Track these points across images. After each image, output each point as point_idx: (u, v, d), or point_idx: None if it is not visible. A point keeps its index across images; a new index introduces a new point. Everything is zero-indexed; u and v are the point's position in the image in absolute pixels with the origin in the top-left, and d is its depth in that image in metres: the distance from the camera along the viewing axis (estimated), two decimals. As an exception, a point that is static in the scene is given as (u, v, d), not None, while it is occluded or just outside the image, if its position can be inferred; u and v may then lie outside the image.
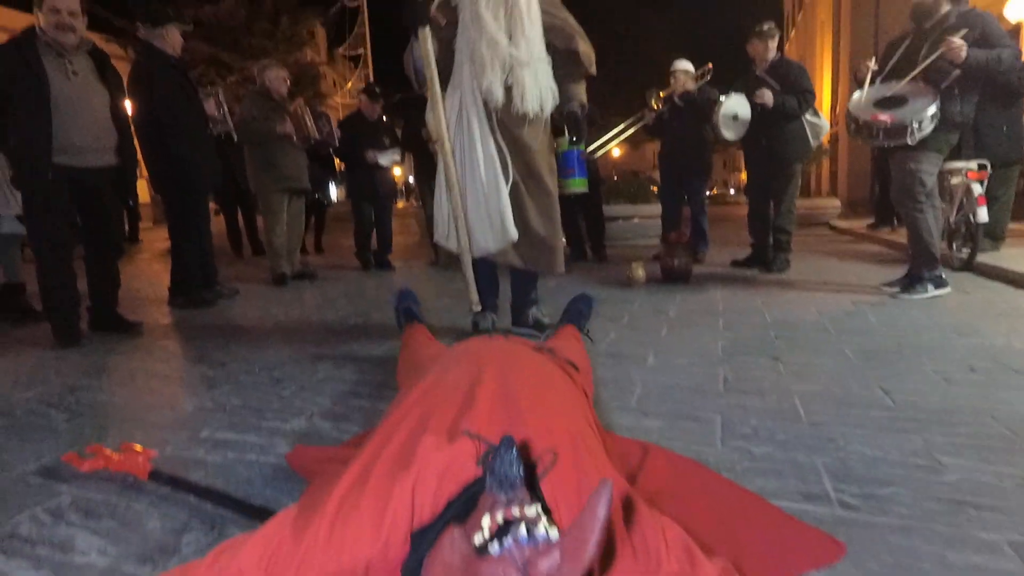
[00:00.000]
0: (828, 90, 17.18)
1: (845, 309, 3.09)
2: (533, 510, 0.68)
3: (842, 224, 8.57)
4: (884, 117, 3.13)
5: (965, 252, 4.25)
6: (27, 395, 2.07)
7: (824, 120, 4.44)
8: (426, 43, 2.31)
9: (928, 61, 3.03)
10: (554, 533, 0.67)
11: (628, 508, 0.82)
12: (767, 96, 4.19)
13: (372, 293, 4.21)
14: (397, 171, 9.67)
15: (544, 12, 2.44)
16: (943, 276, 3.37)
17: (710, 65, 5.21)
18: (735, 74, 4.65)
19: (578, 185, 4.97)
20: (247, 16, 18.95)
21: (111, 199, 2.97)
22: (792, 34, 24.81)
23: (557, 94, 2.50)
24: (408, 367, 1.73)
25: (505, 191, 2.43)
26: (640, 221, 7.25)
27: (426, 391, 1.06)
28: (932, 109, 3.03)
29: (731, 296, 3.55)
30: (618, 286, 4.05)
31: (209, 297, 3.75)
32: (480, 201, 2.45)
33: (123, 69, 3.62)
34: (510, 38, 2.33)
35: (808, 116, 4.30)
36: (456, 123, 2.45)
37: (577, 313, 2.19)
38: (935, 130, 3.08)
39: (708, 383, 1.96)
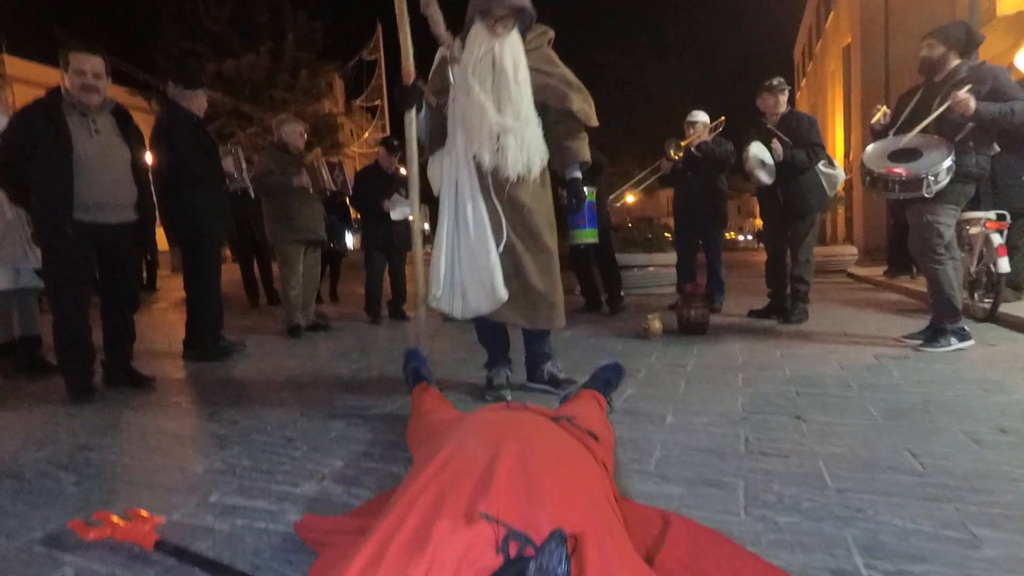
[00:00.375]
0: (840, 138, 17.33)
1: (867, 363, 3.03)
2: None
3: (860, 271, 8.49)
4: (899, 170, 3.14)
5: (987, 303, 4.18)
6: (38, 455, 2.07)
7: (839, 170, 4.45)
8: (410, 126, 2.50)
9: (936, 114, 3.06)
10: None
11: None
12: (778, 149, 4.23)
13: (385, 345, 4.21)
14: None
15: (536, 71, 2.48)
16: (966, 328, 3.31)
17: (723, 118, 5.31)
18: (745, 121, 4.71)
19: (588, 236, 5.03)
20: (268, 69, 19.75)
21: (130, 254, 3.03)
22: (803, 83, 25.25)
23: (546, 154, 2.53)
24: (419, 433, 1.71)
25: (495, 252, 2.45)
26: (655, 270, 7.25)
27: (441, 466, 1.04)
28: (947, 162, 3.03)
29: (750, 349, 3.50)
30: (635, 338, 4.02)
31: (220, 351, 3.76)
32: (471, 262, 2.47)
33: (144, 120, 3.77)
34: (497, 104, 2.39)
35: (822, 167, 4.32)
36: (450, 186, 2.52)
37: (605, 382, 2.17)
38: (951, 182, 3.08)
39: (729, 445, 1.91)
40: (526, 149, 2.42)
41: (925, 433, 1.96)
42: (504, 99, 2.39)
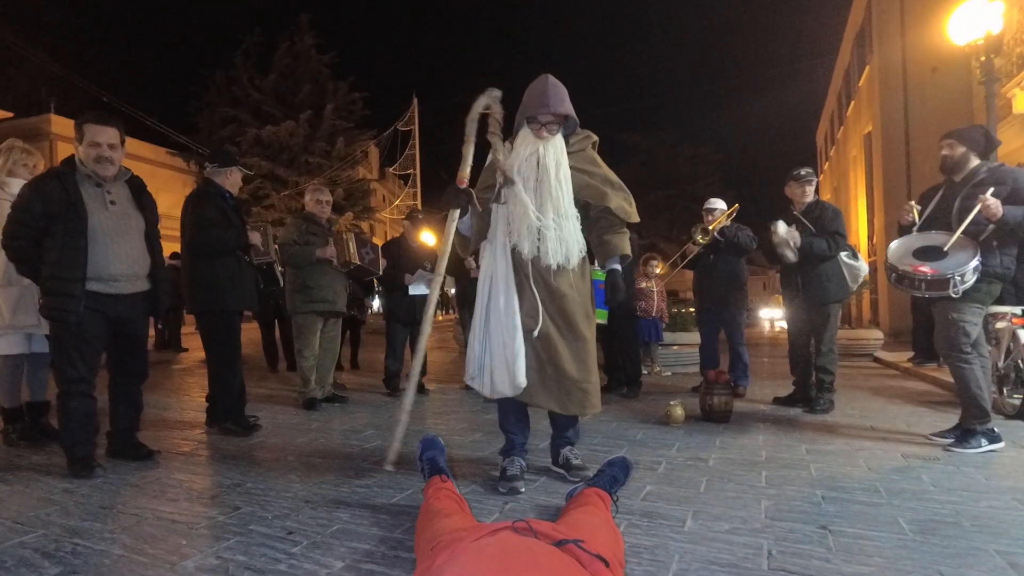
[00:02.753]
0: (864, 222, 17.38)
1: (896, 465, 2.93)
2: None
3: (887, 356, 8.30)
4: (925, 269, 3.14)
5: (1016, 399, 4.05)
6: (24, 539, 2.02)
7: (863, 263, 4.44)
8: (452, 223, 2.67)
9: (967, 222, 3.07)
10: None
11: None
12: (795, 235, 4.27)
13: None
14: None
15: (578, 171, 2.67)
16: (995, 430, 3.21)
17: (737, 205, 5.44)
18: (765, 200, 4.77)
19: (601, 317, 5.01)
20: (306, 136, 20.57)
21: (141, 325, 3.01)
22: (826, 167, 25.61)
23: (584, 246, 2.69)
24: (426, 538, 1.65)
25: (520, 340, 2.55)
26: (679, 349, 7.19)
27: None
28: (974, 262, 3.04)
29: (774, 443, 3.41)
30: (656, 424, 3.95)
31: (248, 427, 3.70)
32: (500, 347, 2.56)
33: (182, 180, 3.91)
34: (539, 200, 2.57)
35: (845, 258, 4.33)
36: (487, 275, 2.65)
37: (611, 479, 2.13)
38: (977, 281, 3.07)
39: (751, 558, 1.84)
40: (564, 241, 2.59)
41: (958, 553, 1.87)
42: (545, 195, 2.57)
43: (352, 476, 2.78)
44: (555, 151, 2.59)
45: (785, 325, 5.06)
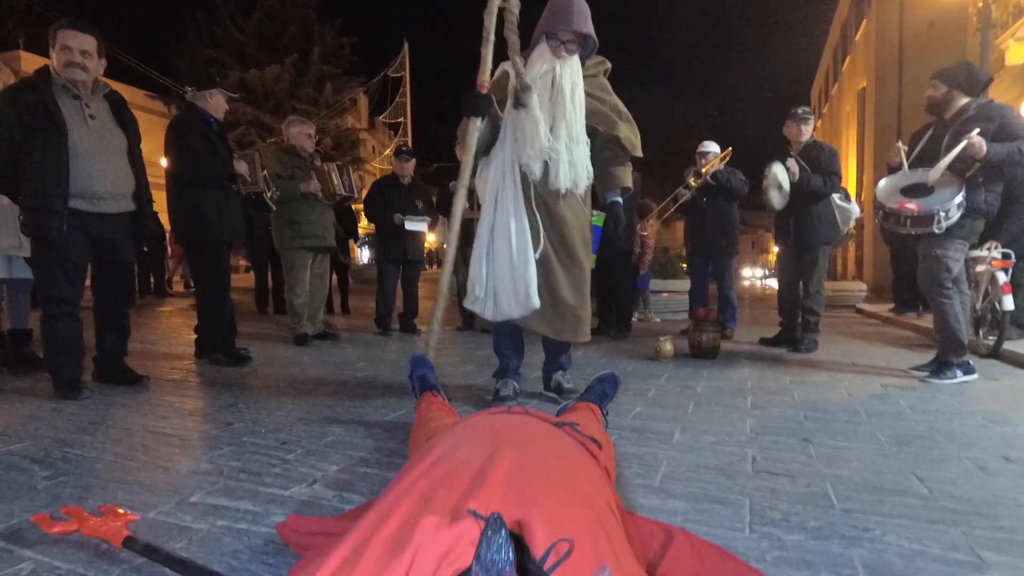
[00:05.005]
0: (853, 179, 17.41)
1: (875, 392, 3.04)
2: None
3: (869, 308, 8.47)
4: (911, 206, 3.18)
5: (991, 340, 4.18)
6: (12, 448, 2.00)
7: (855, 205, 4.48)
8: (472, 134, 2.51)
9: (951, 156, 3.09)
10: None
11: None
12: (794, 165, 4.28)
13: (393, 356, 4.21)
14: (431, 237, 9.82)
15: (590, 96, 2.61)
16: (971, 363, 3.33)
17: (730, 149, 5.41)
18: (762, 158, 4.75)
19: (591, 262, 5.01)
20: (292, 82, 19.95)
21: (126, 247, 2.92)
22: (819, 124, 25.42)
23: (592, 173, 2.63)
24: (420, 438, 1.66)
25: (533, 263, 2.51)
26: (668, 296, 7.28)
27: (433, 464, 0.98)
28: (958, 198, 3.07)
29: (760, 374, 3.51)
30: (645, 360, 4.03)
31: (238, 357, 3.69)
32: (508, 269, 2.53)
33: (162, 126, 3.77)
34: (551, 121, 2.49)
35: (838, 200, 4.36)
36: (492, 194, 2.58)
37: (601, 394, 2.18)
38: (961, 217, 3.12)
39: (736, 464, 1.92)
40: (575, 166, 2.53)
41: (931, 460, 1.97)
42: (559, 116, 2.50)
43: (345, 398, 2.82)
44: (571, 72, 2.52)
45: (771, 283, 5.14)
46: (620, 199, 2.78)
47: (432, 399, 2.13)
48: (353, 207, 6.80)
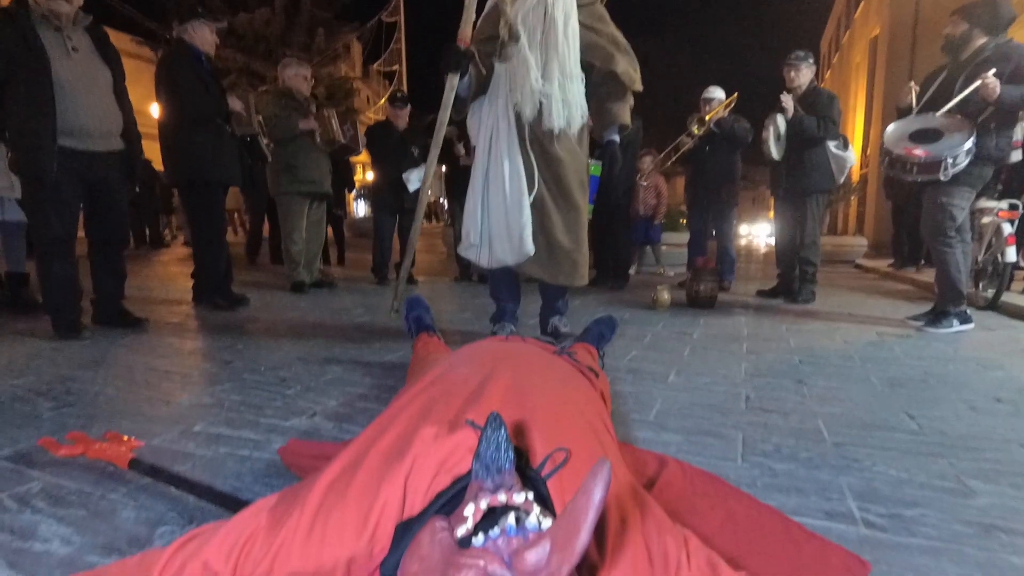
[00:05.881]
0: (860, 132, 17.13)
1: (870, 340, 3.05)
2: (523, 497, 0.62)
3: (868, 263, 8.47)
4: (919, 152, 3.12)
5: (990, 292, 4.18)
6: (15, 382, 2.02)
7: (851, 154, 4.39)
8: (450, 92, 2.42)
9: (961, 96, 3.02)
10: (547, 524, 0.61)
11: (645, 510, 0.78)
12: (788, 102, 4.19)
13: (390, 304, 4.20)
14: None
15: (585, 28, 2.47)
16: (968, 313, 3.33)
17: (736, 94, 5.27)
18: (766, 109, 4.64)
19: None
20: (283, 27, 19.30)
21: (118, 188, 2.85)
22: (827, 75, 24.85)
23: (586, 111, 2.54)
24: (417, 372, 1.66)
25: (527, 207, 2.45)
26: (668, 249, 7.25)
27: (431, 383, 0.99)
28: (968, 144, 3.01)
29: (756, 323, 3.53)
30: (643, 308, 4.04)
31: (235, 300, 3.69)
32: (502, 214, 2.49)
33: (150, 73, 3.64)
34: (544, 56, 2.39)
35: (833, 148, 4.26)
36: (486, 137, 2.51)
37: (598, 335, 2.17)
38: (969, 164, 3.06)
39: (730, 402, 1.95)
40: (568, 105, 2.43)
41: (923, 400, 1.99)
42: (551, 51, 2.38)
43: (343, 341, 2.83)
44: (564, 2, 2.39)
45: (769, 241, 5.11)
46: (617, 138, 2.69)
47: (428, 339, 2.14)
48: (351, 160, 6.66)
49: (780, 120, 4.27)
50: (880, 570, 1.01)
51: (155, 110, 3.54)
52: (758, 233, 22.30)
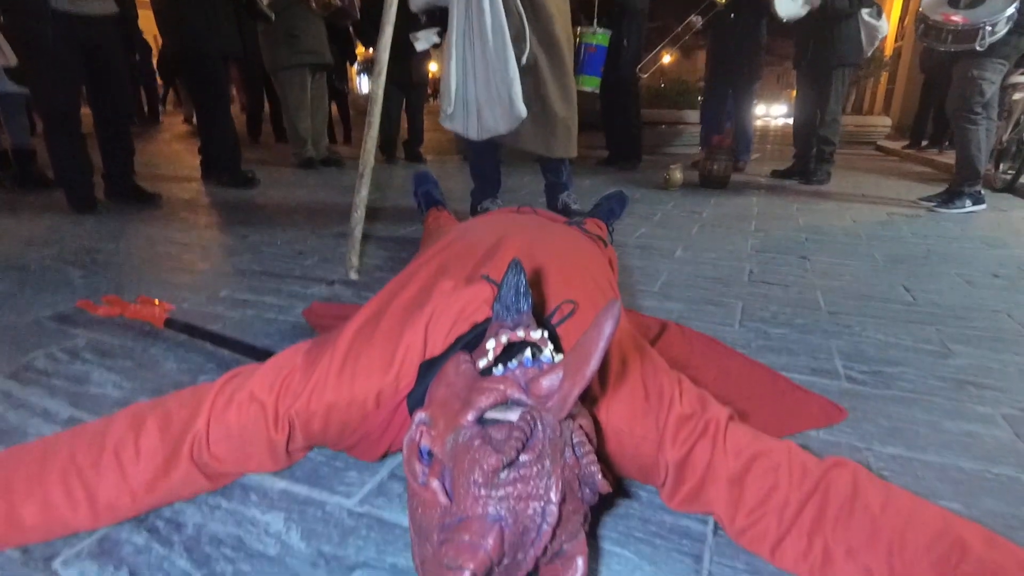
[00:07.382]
0: (899, 1, 15.78)
1: (879, 219, 3.07)
2: (539, 334, 0.69)
3: (889, 144, 8.19)
4: (956, 18, 2.94)
5: (1010, 174, 4.09)
6: (43, 252, 2.09)
7: (884, 23, 4.10)
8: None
9: None
10: (559, 358, 0.67)
11: (643, 354, 0.85)
12: None
13: (400, 182, 4.19)
14: (434, 67, 9.20)
15: None
16: (982, 193, 3.31)
17: None
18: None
19: (585, 84, 4.63)
20: None
21: (116, 53, 2.75)
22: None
23: None
24: (430, 241, 1.75)
25: (513, 62, 2.22)
26: (683, 127, 7.03)
27: (447, 246, 1.05)
28: (1010, 10, 2.83)
29: (767, 203, 3.52)
30: (654, 189, 4.02)
31: (245, 178, 3.65)
32: (488, 75, 2.24)
33: None
34: None
35: (866, 15, 3.97)
36: None
37: (608, 211, 2.18)
38: (1007, 33, 2.89)
39: (733, 275, 2.01)
40: None
41: (922, 275, 2.05)
42: None
43: (356, 216, 2.88)
44: None
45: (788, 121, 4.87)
46: None
47: (438, 213, 2.17)
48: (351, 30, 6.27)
49: None
50: (855, 416, 1.12)
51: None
52: (775, 115, 21.32)
